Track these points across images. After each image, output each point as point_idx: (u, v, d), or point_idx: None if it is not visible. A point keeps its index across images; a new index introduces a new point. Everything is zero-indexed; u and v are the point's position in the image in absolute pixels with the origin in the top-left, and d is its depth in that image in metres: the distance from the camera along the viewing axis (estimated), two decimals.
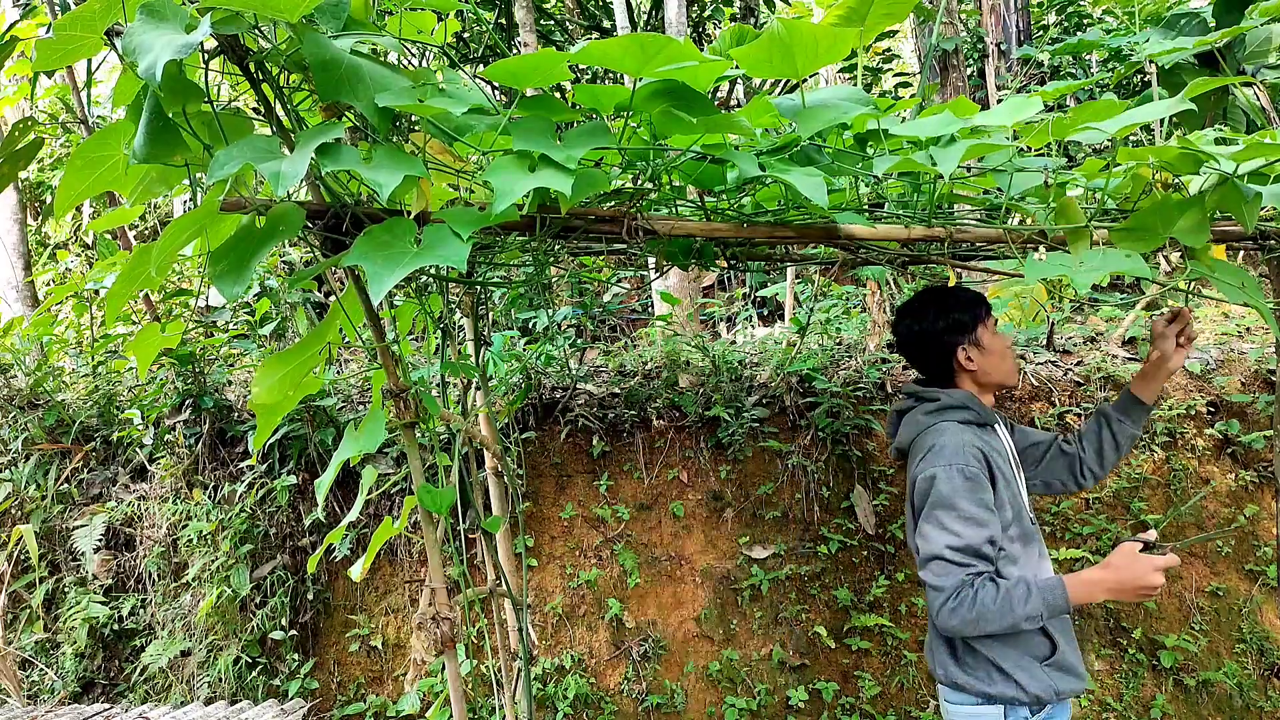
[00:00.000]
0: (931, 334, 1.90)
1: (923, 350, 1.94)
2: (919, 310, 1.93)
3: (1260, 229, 1.79)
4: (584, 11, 7.13)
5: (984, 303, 1.91)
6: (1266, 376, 3.52)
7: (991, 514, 1.72)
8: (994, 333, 1.91)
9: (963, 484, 1.71)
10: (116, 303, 1.35)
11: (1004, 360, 1.91)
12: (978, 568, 1.68)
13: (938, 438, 1.79)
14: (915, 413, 1.91)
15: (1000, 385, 1.94)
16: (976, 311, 1.89)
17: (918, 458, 1.82)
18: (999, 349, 1.90)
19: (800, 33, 1.34)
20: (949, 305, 1.89)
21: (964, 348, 1.88)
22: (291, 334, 4.14)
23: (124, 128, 1.23)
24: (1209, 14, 4.06)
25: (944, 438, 1.78)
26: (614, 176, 1.56)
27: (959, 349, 1.88)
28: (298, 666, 3.60)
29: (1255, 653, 3.24)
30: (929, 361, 1.94)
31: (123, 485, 3.95)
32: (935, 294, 1.94)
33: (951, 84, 5.97)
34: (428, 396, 1.51)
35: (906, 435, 1.92)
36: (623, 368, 3.98)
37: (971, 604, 1.64)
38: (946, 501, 1.70)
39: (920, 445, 1.84)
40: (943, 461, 1.74)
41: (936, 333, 1.89)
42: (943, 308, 1.89)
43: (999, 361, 1.90)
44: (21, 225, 5.10)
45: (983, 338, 1.88)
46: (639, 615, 3.51)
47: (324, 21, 1.20)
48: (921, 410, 1.89)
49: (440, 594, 1.50)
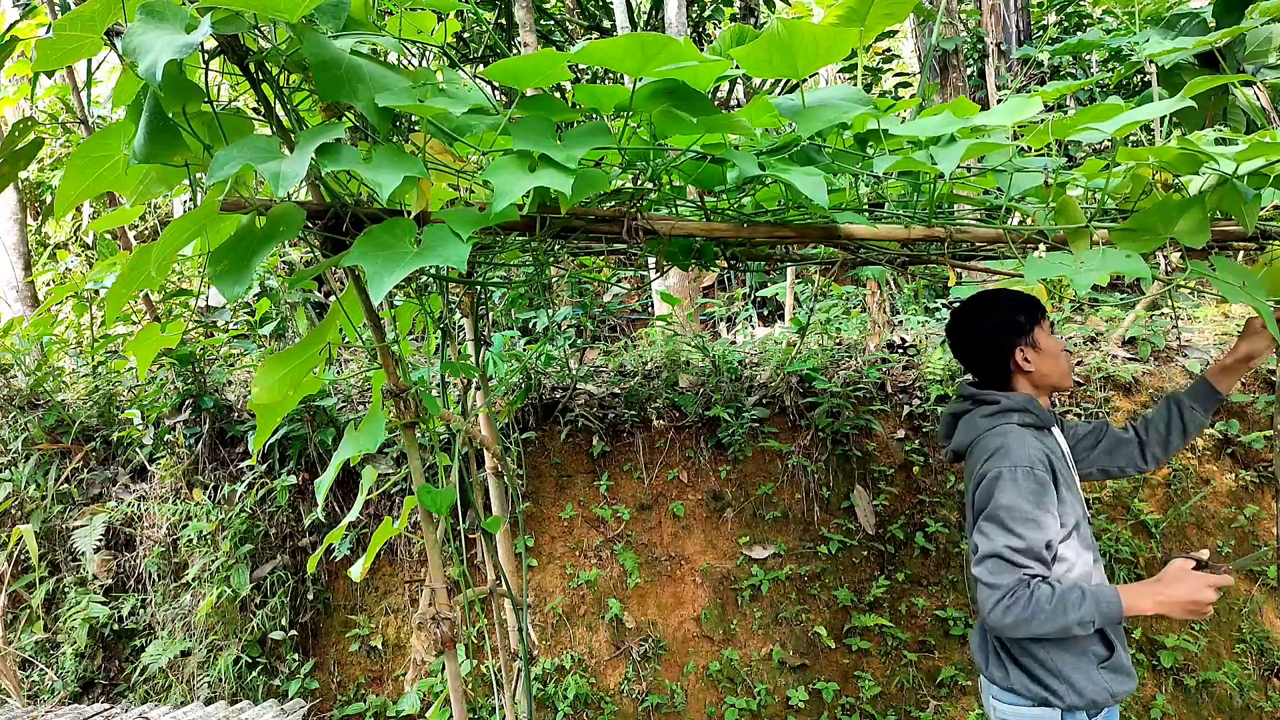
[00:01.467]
0: (989, 336, 1.90)
1: (980, 352, 1.93)
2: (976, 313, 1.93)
3: (1260, 229, 1.79)
4: (584, 11, 7.13)
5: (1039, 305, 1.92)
6: (1266, 376, 3.52)
7: (1053, 518, 1.72)
8: (1049, 334, 1.92)
9: (1028, 486, 1.71)
10: (116, 303, 1.35)
11: (1059, 361, 1.91)
12: (1034, 570, 1.68)
13: (1002, 439, 1.79)
14: (974, 415, 1.91)
15: (1055, 387, 1.94)
16: (1033, 313, 1.89)
17: (982, 458, 1.81)
18: (1054, 350, 1.91)
19: (800, 33, 1.34)
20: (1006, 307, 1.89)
21: (1021, 349, 1.88)
22: (291, 334, 4.14)
23: (124, 128, 1.23)
24: (1209, 14, 4.06)
25: (1009, 439, 1.78)
26: (614, 176, 1.56)
27: (1016, 350, 1.88)
28: (298, 666, 3.60)
29: (1255, 653, 3.24)
30: (986, 363, 1.94)
31: (123, 485, 3.95)
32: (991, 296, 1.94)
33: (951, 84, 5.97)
34: (428, 396, 1.51)
35: (965, 438, 1.91)
36: (623, 368, 3.98)
37: (1025, 604, 1.64)
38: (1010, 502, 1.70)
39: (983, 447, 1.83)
40: (1008, 463, 1.74)
41: (994, 335, 1.89)
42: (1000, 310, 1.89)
43: (1054, 363, 1.90)
44: (21, 225, 5.11)
45: (1039, 339, 1.89)
46: (639, 615, 3.51)
47: (324, 21, 1.20)
48: (981, 413, 1.89)
49: (440, 594, 1.50)
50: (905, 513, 3.54)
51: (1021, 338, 1.88)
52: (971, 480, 1.85)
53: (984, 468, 1.78)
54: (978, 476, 1.80)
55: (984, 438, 1.85)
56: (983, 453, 1.82)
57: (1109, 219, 1.63)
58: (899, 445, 3.60)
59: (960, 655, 3.37)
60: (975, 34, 7.06)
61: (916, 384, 3.70)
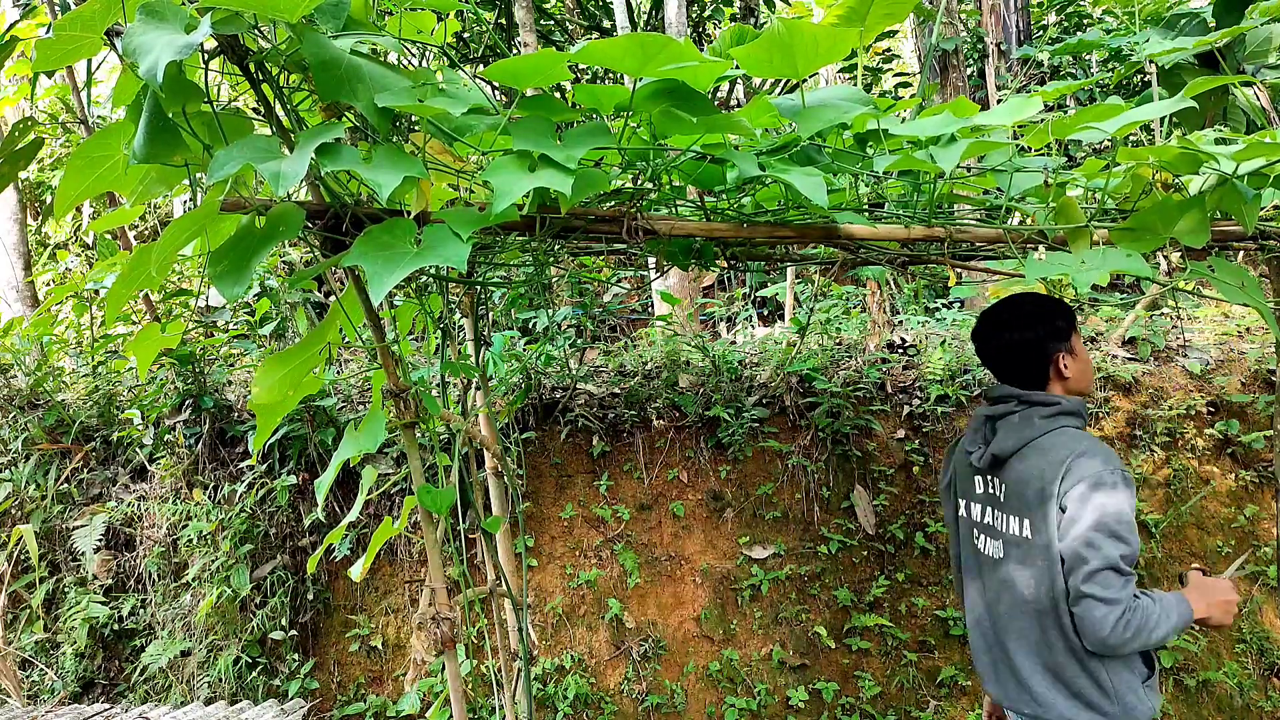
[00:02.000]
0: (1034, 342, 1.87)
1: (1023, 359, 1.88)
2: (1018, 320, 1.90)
3: (1260, 229, 1.79)
4: (584, 11, 7.13)
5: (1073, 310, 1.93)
6: (1266, 376, 3.52)
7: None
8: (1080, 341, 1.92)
9: (1125, 490, 1.66)
10: (116, 303, 1.35)
11: (1089, 367, 1.92)
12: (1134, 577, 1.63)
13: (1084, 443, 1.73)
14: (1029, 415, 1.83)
15: (1084, 392, 1.93)
16: (1071, 319, 1.89)
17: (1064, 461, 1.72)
18: (1086, 356, 1.92)
19: (800, 33, 1.34)
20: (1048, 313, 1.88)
21: (1062, 355, 1.87)
22: (291, 334, 4.14)
23: (124, 128, 1.23)
24: (1209, 14, 4.06)
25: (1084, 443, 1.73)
26: (614, 176, 1.56)
27: (1059, 356, 1.87)
28: (298, 666, 3.60)
29: (1255, 653, 3.24)
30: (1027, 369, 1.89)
31: (123, 485, 3.95)
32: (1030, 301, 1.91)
33: (951, 84, 5.97)
34: (428, 396, 1.51)
35: (1012, 441, 1.83)
36: (623, 368, 3.98)
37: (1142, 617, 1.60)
38: (1119, 507, 1.63)
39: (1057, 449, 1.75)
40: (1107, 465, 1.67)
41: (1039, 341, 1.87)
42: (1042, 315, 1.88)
43: (1087, 368, 1.91)
44: (21, 225, 5.11)
45: (1075, 345, 1.89)
46: (639, 615, 3.51)
47: (324, 21, 1.20)
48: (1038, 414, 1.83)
49: (440, 594, 1.50)
50: (905, 513, 3.54)
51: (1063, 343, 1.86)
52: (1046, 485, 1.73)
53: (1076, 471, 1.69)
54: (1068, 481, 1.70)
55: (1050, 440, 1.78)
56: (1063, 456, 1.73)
57: (1109, 219, 1.63)
58: (899, 445, 3.60)
59: (960, 655, 3.37)
60: (975, 34, 7.06)
61: (916, 384, 3.70)
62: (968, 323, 4.25)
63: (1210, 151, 1.44)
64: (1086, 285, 1.36)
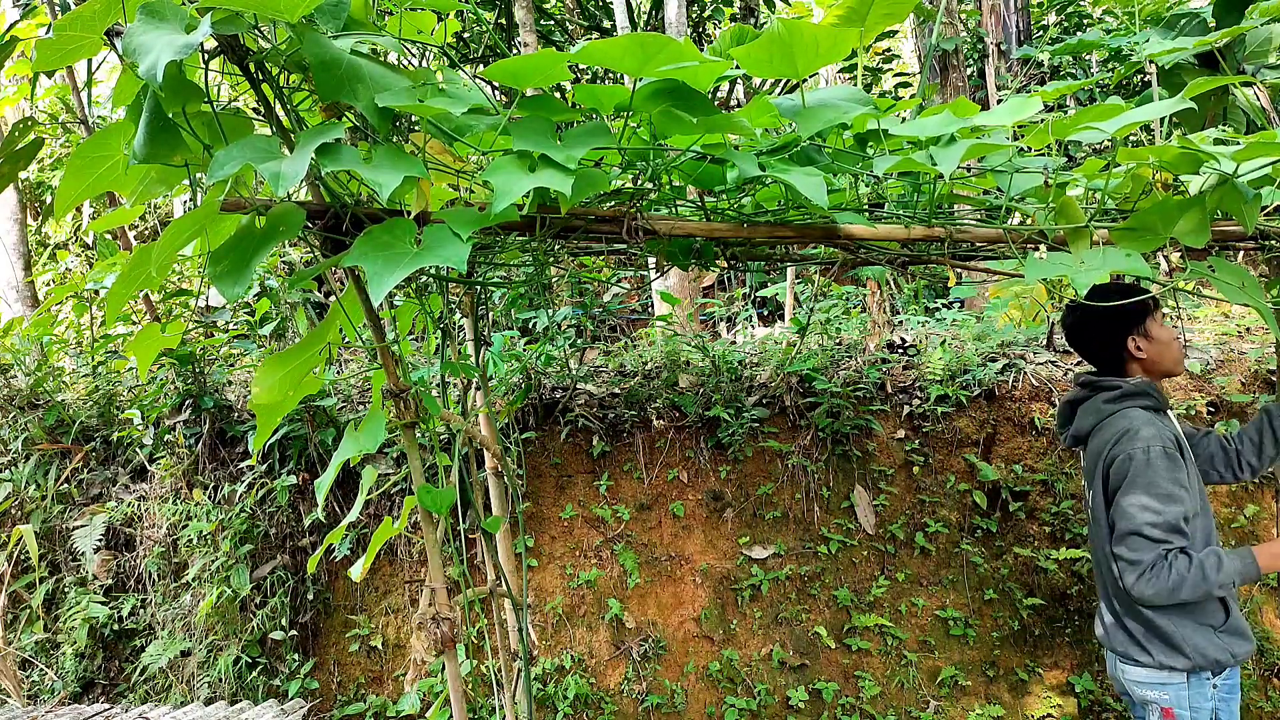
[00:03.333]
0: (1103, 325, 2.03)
1: (1095, 340, 2.06)
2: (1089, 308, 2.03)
3: (1260, 229, 1.79)
4: (584, 11, 7.13)
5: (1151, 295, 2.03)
6: (1266, 376, 3.52)
7: (1186, 491, 1.85)
8: (1161, 324, 2.04)
9: (1163, 463, 1.84)
10: (116, 303, 1.35)
11: (1170, 349, 2.04)
12: (1173, 543, 1.81)
13: (1130, 422, 1.92)
14: (1095, 400, 2.03)
15: (1167, 373, 2.07)
16: (1145, 304, 2.00)
17: (1111, 441, 1.93)
18: (1166, 339, 2.04)
19: (800, 33, 1.34)
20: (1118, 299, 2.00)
21: (1133, 337, 2.01)
22: (291, 334, 4.14)
23: (124, 128, 1.23)
24: (1209, 14, 4.05)
25: (1136, 421, 1.91)
26: (614, 176, 1.56)
27: (1129, 339, 2.01)
28: (298, 666, 3.60)
29: (1255, 653, 3.24)
30: (1100, 351, 2.07)
31: (123, 485, 3.95)
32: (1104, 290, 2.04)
33: (951, 84, 5.97)
34: (428, 396, 1.51)
35: (1087, 422, 2.04)
36: (623, 368, 3.98)
37: (1167, 574, 1.79)
38: (1147, 479, 1.83)
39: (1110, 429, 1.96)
40: (1141, 442, 1.86)
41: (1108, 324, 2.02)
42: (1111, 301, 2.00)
43: (1166, 350, 2.03)
44: (21, 225, 5.11)
45: (1151, 328, 2.01)
46: (639, 615, 3.51)
47: (324, 21, 1.20)
48: (1102, 398, 2.02)
49: (440, 594, 1.50)
50: (905, 513, 3.54)
51: (1136, 327, 2.01)
52: (1100, 462, 1.96)
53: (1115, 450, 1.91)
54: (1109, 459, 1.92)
55: (1110, 420, 1.97)
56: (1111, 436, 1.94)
57: (1109, 219, 1.63)
58: (899, 445, 3.60)
59: (960, 655, 3.37)
60: (975, 34, 7.06)
61: (916, 384, 3.70)
62: (968, 323, 4.25)
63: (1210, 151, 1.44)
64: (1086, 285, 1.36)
